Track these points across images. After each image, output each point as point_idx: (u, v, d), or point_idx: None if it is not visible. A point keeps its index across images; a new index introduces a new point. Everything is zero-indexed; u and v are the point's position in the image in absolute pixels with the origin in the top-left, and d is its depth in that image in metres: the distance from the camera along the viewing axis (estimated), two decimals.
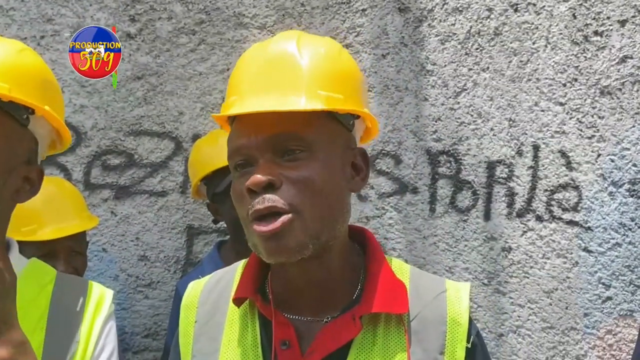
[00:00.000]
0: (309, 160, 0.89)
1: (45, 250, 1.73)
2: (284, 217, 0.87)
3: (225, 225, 2.09)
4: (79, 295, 1.06)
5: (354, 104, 0.94)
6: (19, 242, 1.73)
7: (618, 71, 2.19)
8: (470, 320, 0.96)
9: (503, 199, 2.22)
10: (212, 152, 1.89)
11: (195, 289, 1.06)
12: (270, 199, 0.87)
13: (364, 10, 2.21)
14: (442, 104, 2.20)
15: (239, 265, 1.05)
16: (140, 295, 2.22)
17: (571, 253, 2.21)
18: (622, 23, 2.19)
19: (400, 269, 1.01)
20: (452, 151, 2.22)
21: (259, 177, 0.87)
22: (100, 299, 1.07)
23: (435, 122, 2.21)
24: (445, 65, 2.21)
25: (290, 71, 0.91)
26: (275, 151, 0.89)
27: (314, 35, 0.99)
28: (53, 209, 1.77)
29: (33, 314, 1.01)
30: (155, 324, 2.22)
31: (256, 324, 0.96)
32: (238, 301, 0.97)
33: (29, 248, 1.69)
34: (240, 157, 0.92)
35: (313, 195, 0.88)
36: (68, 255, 1.79)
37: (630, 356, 2.17)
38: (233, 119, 0.95)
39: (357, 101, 0.95)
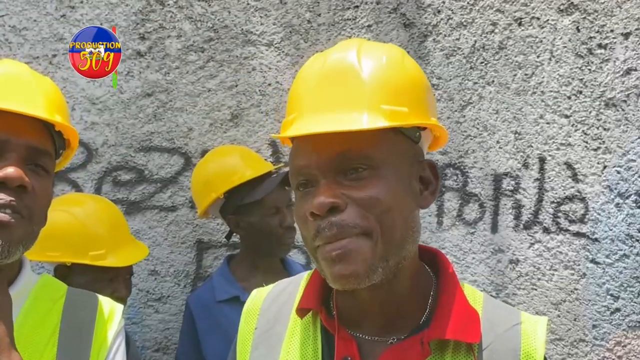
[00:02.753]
0: (373, 179, 0.84)
1: (111, 275, 1.72)
2: (352, 238, 0.82)
3: (235, 240, 2.10)
4: (90, 309, 1.07)
5: (419, 116, 0.87)
6: (78, 265, 1.70)
7: (622, 83, 2.21)
8: (545, 358, 0.91)
9: (510, 211, 2.23)
10: (238, 163, 1.90)
11: (258, 296, 1.03)
12: (337, 223, 0.82)
13: (369, 26, 2.24)
14: (448, 118, 2.22)
15: (304, 276, 1.02)
16: (150, 310, 2.23)
17: (579, 265, 2.21)
18: (626, 36, 2.22)
19: (474, 296, 0.95)
20: (458, 164, 2.23)
21: (322, 200, 0.82)
22: (110, 313, 1.09)
23: None
24: (450, 79, 2.23)
25: (350, 85, 0.85)
26: (338, 170, 0.84)
27: (376, 43, 0.94)
28: (116, 234, 1.76)
29: (45, 329, 1.02)
30: (165, 338, 2.23)
31: (318, 337, 0.93)
32: (301, 312, 0.94)
33: (91, 272, 1.68)
34: (301, 177, 0.87)
35: (380, 216, 0.83)
36: (126, 278, 1.80)
37: None
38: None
39: (422, 112, 0.89)
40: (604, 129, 2.21)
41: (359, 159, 0.84)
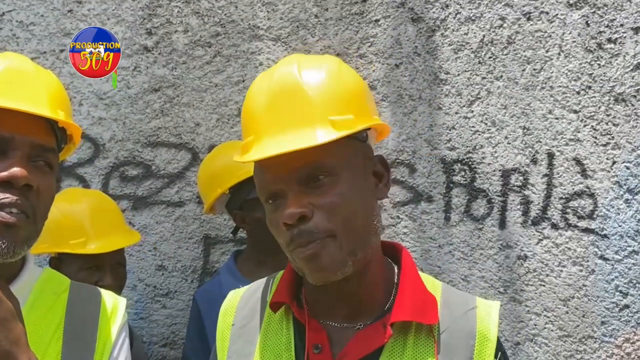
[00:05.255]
0: (333, 184, 0.94)
1: (92, 263, 1.77)
2: (319, 241, 0.93)
3: (242, 235, 2.10)
4: (93, 303, 1.08)
5: (364, 120, 0.97)
6: (64, 255, 1.78)
7: (632, 78, 2.19)
8: (498, 339, 1.00)
9: (518, 207, 2.22)
10: None
11: (235, 296, 1.12)
12: (306, 230, 0.93)
13: (377, 20, 2.23)
14: (456, 113, 2.21)
15: (277, 275, 1.11)
16: (158, 305, 2.24)
17: (587, 261, 2.20)
18: (636, 30, 2.20)
19: (433, 284, 1.05)
20: (466, 160, 2.22)
21: (292, 211, 0.92)
22: (114, 307, 1.09)
23: (450, 130, 2.22)
24: (458, 74, 2.22)
25: (298, 102, 0.94)
26: (301, 182, 0.94)
27: (313, 57, 1.04)
28: (100, 223, 1.81)
29: (50, 323, 1.03)
30: (172, 333, 2.24)
31: (291, 328, 1.01)
32: (274, 306, 1.03)
33: (75, 261, 1.76)
34: (269, 192, 0.97)
35: (344, 217, 0.93)
36: (113, 267, 1.82)
37: None
38: None
39: (366, 114, 0.99)
40: (614, 125, 2.19)
41: (317, 168, 0.93)
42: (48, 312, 1.04)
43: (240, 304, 1.08)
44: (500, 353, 0.98)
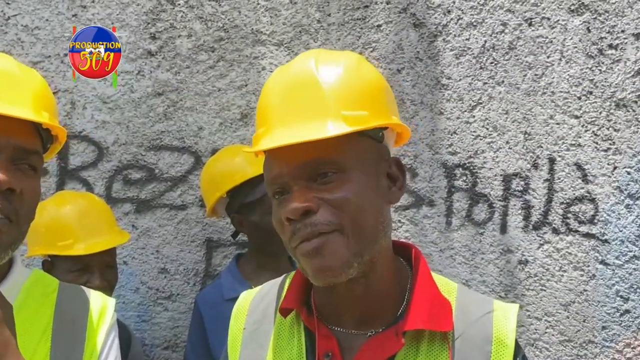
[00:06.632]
0: (342, 181, 0.89)
1: (80, 265, 1.78)
2: (326, 234, 0.88)
3: (244, 238, 2.11)
4: (82, 304, 1.07)
5: (379, 118, 0.93)
6: (54, 257, 1.80)
7: (633, 84, 2.20)
8: (517, 342, 0.95)
9: (519, 211, 2.23)
10: (242, 162, 1.91)
11: (246, 298, 1.08)
12: (312, 223, 0.88)
13: (379, 26, 2.24)
14: (458, 118, 2.22)
15: (288, 277, 1.07)
16: (160, 308, 2.25)
17: (588, 266, 2.20)
18: (637, 36, 2.20)
19: (447, 286, 1.00)
20: (467, 164, 2.23)
21: (295, 205, 0.88)
22: (102, 308, 1.08)
23: (451, 135, 2.22)
24: (460, 80, 2.23)
25: (311, 95, 0.91)
26: (309, 177, 0.90)
27: (333, 52, 0.99)
28: (88, 224, 1.82)
29: (38, 325, 1.03)
30: (174, 336, 2.25)
31: (302, 335, 0.98)
32: (284, 311, 0.99)
33: (64, 262, 1.78)
34: (276, 185, 0.92)
35: (351, 214, 0.89)
36: (102, 269, 1.82)
37: None
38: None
39: (382, 113, 0.94)
40: (615, 130, 2.20)
41: (327, 164, 0.89)
42: (36, 313, 1.03)
43: (251, 307, 1.05)
44: (519, 358, 0.94)
